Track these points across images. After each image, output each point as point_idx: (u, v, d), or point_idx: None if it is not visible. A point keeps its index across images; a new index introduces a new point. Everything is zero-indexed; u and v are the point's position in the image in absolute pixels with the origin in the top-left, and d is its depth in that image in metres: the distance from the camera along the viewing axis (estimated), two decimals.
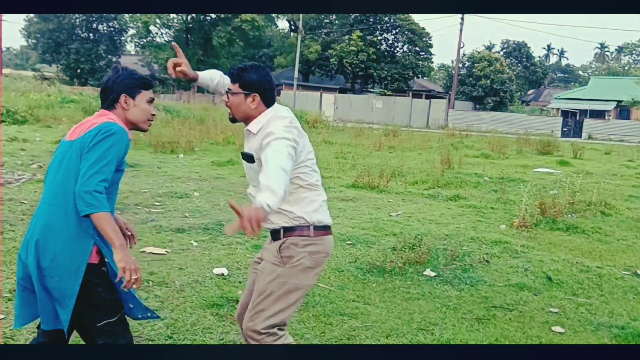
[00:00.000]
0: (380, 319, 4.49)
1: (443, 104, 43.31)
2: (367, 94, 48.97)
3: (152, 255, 5.71)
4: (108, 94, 2.71)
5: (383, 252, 6.23)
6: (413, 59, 48.42)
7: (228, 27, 47.53)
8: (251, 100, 2.78)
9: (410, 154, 18.07)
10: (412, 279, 5.54)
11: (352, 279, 5.43)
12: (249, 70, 2.80)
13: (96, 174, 2.42)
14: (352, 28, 48.09)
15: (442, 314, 4.70)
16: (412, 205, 9.30)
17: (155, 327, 3.96)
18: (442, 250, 6.41)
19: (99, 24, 53.82)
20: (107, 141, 2.49)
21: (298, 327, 4.21)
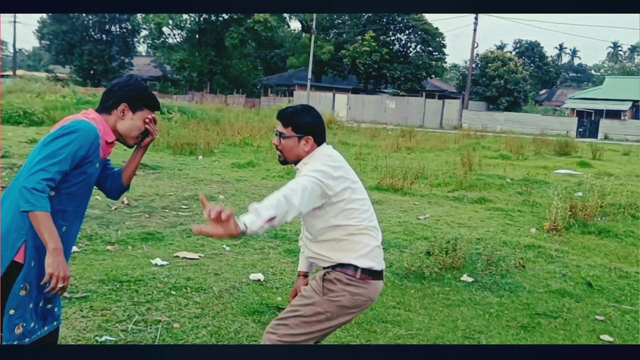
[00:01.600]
0: (423, 327, 4.41)
1: (456, 104, 43.10)
2: (380, 94, 48.82)
3: (185, 260, 5.66)
4: (109, 97, 2.63)
5: (417, 256, 6.14)
6: (426, 59, 48.20)
7: (240, 28, 47.55)
8: (304, 142, 2.75)
9: (428, 155, 17.95)
10: (450, 284, 5.46)
11: (389, 285, 5.34)
12: (301, 114, 2.77)
13: (41, 171, 2.32)
14: (365, 28, 47.97)
15: (486, 321, 4.61)
16: (439, 208, 9.21)
17: (199, 334, 3.91)
18: (477, 255, 6.32)
19: (112, 26, 54.02)
20: (62, 139, 2.39)
21: (342, 335, 4.13)
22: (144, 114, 2.66)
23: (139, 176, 10.43)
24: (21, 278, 2.41)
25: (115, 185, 2.83)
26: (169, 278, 5.03)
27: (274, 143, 2.81)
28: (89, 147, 2.46)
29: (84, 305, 4.32)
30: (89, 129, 2.47)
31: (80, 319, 4.08)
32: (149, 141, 2.77)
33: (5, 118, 19.47)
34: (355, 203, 2.72)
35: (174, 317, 4.20)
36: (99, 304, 4.38)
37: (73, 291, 4.57)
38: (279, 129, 2.78)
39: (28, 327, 2.49)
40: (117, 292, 4.64)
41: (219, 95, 46.81)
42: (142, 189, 9.08)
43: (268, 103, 44.85)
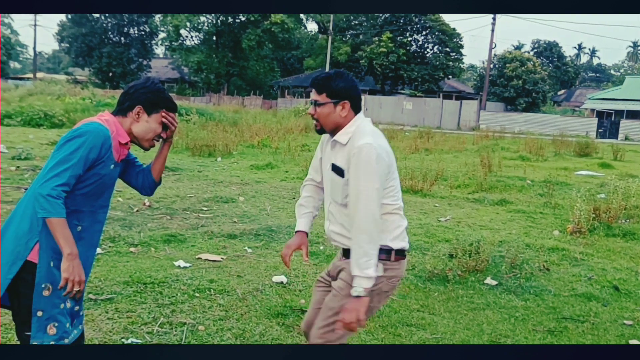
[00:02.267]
0: (448, 330, 4.37)
1: (474, 105, 42.78)
2: (397, 95, 48.65)
3: (208, 262, 5.67)
4: (126, 100, 2.63)
5: (440, 259, 6.09)
6: (443, 60, 47.92)
7: (257, 29, 47.67)
8: (341, 108, 2.68)
9: (447, 156, 17.83)
10: (474, 287, 5.41)
11: (413, 288, 5.31)
12: (335, 78, 2.69)
13: (55, 177, 2.35)
14: (382, 29, 47.86)
15: (511, 325, 4.56)
16: (460, 210, 9.14)
17: (224, 337, 3.90)
18: (500, 258, 6.26)
19: (130, 28, 54.46)
20: (73, 143, 2.41)
21: (367, 339, 4.11)
22: (160, 117, 2.66)
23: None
24: (41, 278, 2.44)
25: (147, 181, 2.87)
26: (192, 280, 5.05)
27: (309, 112, 2.76)
28: (100, 148, 2.47)
29: (109, 307, 4.34)
30: (99, 130, 2.48)
31: (106, 320, 4.10)
32: (171, 133, 2.77)
33: (27, 120, 19.72)
34: (394, 181, 2.71)
35: (198, 320, 4.21)
36: (124, 305, 4.40)
37: (98, 293, 4.60)
38: (313, 96, 2.71)
39: (63, 328, 2.50)
40: (142, 294, 4.66)
41: (236, 97, 46.97)
42: (162, 191, 9.12)
43: (285, 104, 44.91)
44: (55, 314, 2.47)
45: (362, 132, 2.66)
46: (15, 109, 20.92)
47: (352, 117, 2.72)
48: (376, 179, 2.56)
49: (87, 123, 2.52)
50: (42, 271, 2.44)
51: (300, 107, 33.77)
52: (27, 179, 9.45)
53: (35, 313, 2.44)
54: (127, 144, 2.66)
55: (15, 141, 14.23)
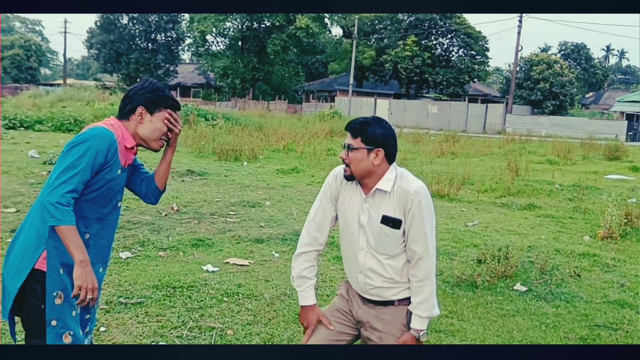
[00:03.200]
0: (478, 337, 4.32)
1: (500, 109, 42.36)
2: (422, 99, 48.41)
3: (236, 266, 5.70)
4: (127, 104, 2.59)
5: (468, 264, 6.05)
6: (469, 63, 47.56)
7: (282, 34, 47.91)
8: (374, 155, 2.55)
9: (473, 160, 17.69)
10: (503, 293, 5.35)
11: (440, 293, 5.26)
12: (372, 124, 2.58)
13: (63, 184, 2.31)
14: (407, 33, 47.69)
15: (542, 332, 4.49)
16: (487, 215, 9.06)
17: (252, 341, 3.92)
18: (529, 264, 6.19)
19: (158, 34, 55.16)
20: (79, 149, 2.37)
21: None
22: (163, 115, 2.62)
23: (187, 182, 10.61)
24: (52, 286, 2.40)
25: (150, 188, 2.78)
26: (220, 284, 5.08)
27: (341, 157, 2.63)
28: (106, 153, 2.44)
29: (139, 311, 4.39)
30: (104, 134, 2.44)
31: (136, 324, 4.15)
32: (175, 137, 2.70)
33: (57, 125, 20.07)
34: None
35: (227, 324, 4.23)
36: (153, 309, 4.45)
37: (128, 297, 4.66)
38: (347, 140, 2.61)
39: (78, 336, 2.48)
40: (171, 298, 4.70)
41: (261, 102, 47.20)
42: (190, 195, 9.21)
43: (310, 109, 45.01)
44: (69, 322, 2.44)
45: (406, 177, 2.61)
46: (46, 114, 21.31)
47: (385, 167, 2.60)
48: (434, 219, 2.62)
49: (92, 128, 2.50)
50: (52, 279, 2.40)
51: (325, 112, 33.79)
52: None
53: (50, 322, 2.40)
54: (134, 148, 2.61)
55: (46, 146, 14.49)
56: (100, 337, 3.89)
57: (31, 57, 59.29)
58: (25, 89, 45.32)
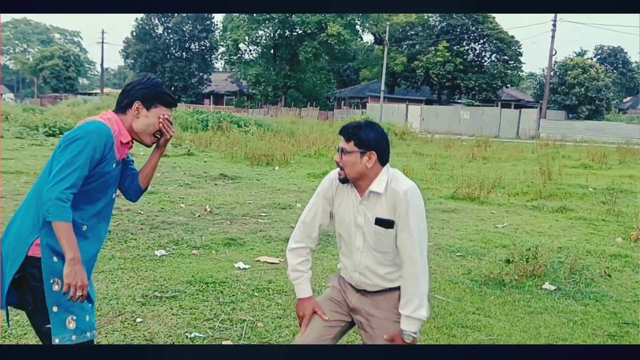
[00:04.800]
0: (504, 332, 4.37)
1: (534, 114, 41.82)
2: (454, 104, 48.12)
3: (266, 264, 5.84)
4: (124, 98, 2.63)
5: (496, 264, 6.08)
6: (501, 68, 47.14)
7: (314, 42, 48.25)
8: (367, 158, 2.64)
9: (505, 164, 17.55)
10: (531, 292, 5.36)
11: (468, 292, 5.32)
12: (365, 128, 2.68)
13: (62, 181, 2.34)
14: (439, 39, 47.54)
15: (570, 329, 4.51)
16: (517, 217, 9.03)
17: (282, 334, 4.05)
18: (559, 264, 6.18)
19: (192, 43, 56.12)
20: (77, 145, 2.40)
21: (422, 338, 4.16)
22: (159, 111, 2.64)
23: (220, 186, 10.82)
24: (48, 274, 2.43)
25: (133, 185, 2.79)
26: (251, 280, 5.22)
27: (335, 160, 2.71)
28: (104, 148, 2.47)
29: (173, 304, 4.56)
30: (101, 129, 2.47)
31: (170, 316, 4.32)
32: (165, 141, 2.74)
33: None
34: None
35: (257, 317, 4.37)
36: (187, 303, 4.61)
37: (163, 291, 4.84)
38: (341, 144, 2.69)
39: (82, 320, 2.50)
40: (204, 293, 4.86)
41: (293, 109, 47.56)
42: (222, 198, 9.41)
43: (341, 115, 45.17)
44: (69, 307, 2.45)
45: (398, 178, 2.69)
46: None
47: (378, 169, 2.69)
48: (424, 219, 2.66)
49: (89, 122, 2.52)
50: (47, 267, 2.43)
51: (357, 118, 33.90)
52: None
53: (51, 309, 2.43)
54: (129, 143, 2.65)
55: None
56: (137, 327, 4.07)
57: (70, 67, 60.84)
58: (64, 98, 46.60)
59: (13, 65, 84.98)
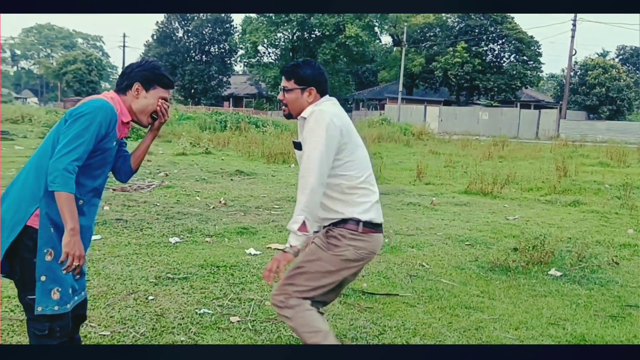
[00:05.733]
0: (507, 313, 4.45)
1: (553, 114, 41.46)
2: (472, 105, 47.90)
3: (277, 250, 5.97)
4: (124, 79, 2.74)
5: (504, 252, 6.15)
6: (521, 69, 46.82)
7: (332, 43, 48.40)
8: (308, 94, 2.85)
9: (522, 163, 17.50)
10: (536, 277, 5.43)
11: (474, 276, 5.40)
12: (302, 66, 2.87)
13: (69, 153, 2.43)
14: (457, 40, 47.38)
15: (573, 310, 4.58)
16: (529, 210, 9.06)
17: None
18: (567, 252, 6.23)
19: (211, 46, 56.62)
20: (84, 120, 2.49)
21: (424, 318, 4.28)
22: (157, 93, 2.75)
23: (236, 181, 11.00)
24: (43, 244, 2.52)
25: (124, 166, 2.90)
26: (261, 265, 5.36)
27: (279, 98, 2.92)
28: (108, 124, 2.57)
29: (185, 285, 4.72)
30: (106, 107, 2.58)
31: (182, 295, 4.48)
32: (159, 124, 2.87)
33: None
34: (355, 155, 2.80)
35: (265, 297, 4.50)
36: (198, 284, 4.77)
37: (176, 273, 5.00)
38: (283, 83, 2.89)
39: (66, 293, 2.58)
40: (215, 275, 5.02)
41: None
42: (237, 192, 9.58)
43: (359, 116, 45.24)
44: (58, 278, 2.54)
45: (320, 104, 2.84)
46: None
47: (318, 99, 2.89)
48: (323, 142, 2.67)
49: (95, 99, 2.63)
50: (43, 237, 2.51)
51: (375, 119, 33.93)
52: (115, 182, 10.16)
53: (39, 278, 2.51)
54: (129, 123, 2.77)
55: None
56: (148, 304, 4.24)
57: (92, 71, 61.69)
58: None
59: (37, 70, 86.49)
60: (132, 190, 9.25)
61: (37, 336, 2.55)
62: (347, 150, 2.76)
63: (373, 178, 2.91)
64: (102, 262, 5.23)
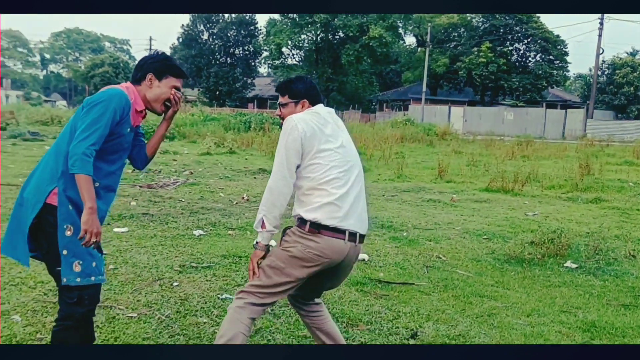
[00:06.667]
0: (520, 301, 4.56)
1: (580, 114, 40.94)
2: (497, 106, 47.55)
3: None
4: (138, 71, 2.93)
5: (521, 245, 6.22)
6: (547, 68, 46.32)
7: (356, 45, 48.49)
8: (301, 106, 3.00)
9: (546, 162, 17.40)
10: (552, 269, 5.51)
11: (489, 268, 5.51)
12: (295, 82, 3.05)
13: (87, 138, 2.60)
14: (482, 39, 47.10)
15: (586, 299, 4.67)
16: (550, 207, 9.09)
17: None
18: (585, 246, 6.28)
19: (236, 49, 57.13)
20: (101, 107, 2.67)
21: (438, 304, 4.41)
22: (169, 82, 2.92)
23: (259, 179, 11.21)
24: (62, 220, 2.69)
25: (140, 154, 3.07)
26: None
27: (277, 114, 3.08)
28: (122, 111, 2.74)
29: (208, 272, 4.92)
30: (121, 95, 2.76)
31: (205, 282, 4.68)
32: (172, 113, 3.03)
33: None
34: (321, 159, 2.82)
35: None
36: (220, 272, 4.96)
37: (199, 262, 5.20)
38: (279, 100, 3.05)
39: (89, 265, 2.75)
40: (237, 265, 5.21)
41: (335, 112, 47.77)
42: (260, 189, 9.78)
43: (383, 117, 45.26)
44: (78, 252, 2.70)
45: (301, 112, 2.96)
46: None
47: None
48: (284, 145, 2.80)
49: (110, 89, 2.81)
50: (62, 213, 2.69)
51: (398, 119, 33.95)
52: (142, 179, 10.47)
53: (62, 252, 2.69)
54: (142, 112, 2.93)
55: None
56: (173, 290, 4.45)
57: (119, 74, 62.64)
58: None
59: (66, 74, 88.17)
60: (158, 187, 9.52)
61: (68, 304, 2.74)
62: (312, 153, 2.82)
63: (342, 180, 2.85)
64: (129, 252, 5.46)
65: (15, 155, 13.65)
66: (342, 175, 2.85)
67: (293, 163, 2.82)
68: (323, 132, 2.85)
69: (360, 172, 2.97)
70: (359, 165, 2.99)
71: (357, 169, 2.95)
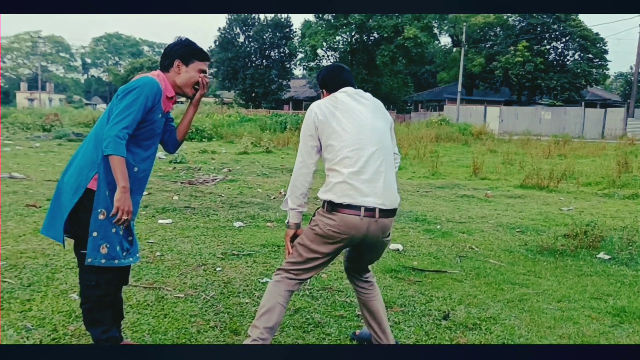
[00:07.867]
0: (551, 289, 4.67)
1: (620, 113, 40.12)
2: (534, 105, 46.93)
3: None
4: (165, 59, 3.06)
5: (554, 237, 6.31)
6: (585, 67, 45.53)
7: (391, 45, 48.46)
8: (324, 94, 3.24)
9: (583, 160, 17.25)
10: (584, 259, 5.59)
11: (522, 258, 5.62)
12: (319, 73, 3.29)
13: (120, 121, 2.76)
14: (518, 39, 46.57)
15: (617, 287, 4.75)
16: (585, 203, 9.09)
17: (342, 284, 4.56)
18: (618, 239, 6.33)
19: (271, 51, 57.69)
20: (134, 94, 2.82)
21: (470, 290, 4.56)
22: (196, 65, 3.06)
23: None
24: (98, 204, 2.84)
25: (171, 138, 3.24)
26: None
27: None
28: (154, 97, 2.89)
29: (248, 259, 5.16)
30: (152, 83, 2.91)
31: (246, 267, 4.92)
32: (199, 96, 3.17)
33: None
34: (332, 140, 2.95)
35: (324, 271, 4.88)
36: (260, 259, 5.20)
37: (240, 250, 5.45)
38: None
39: (114, 249, 2.91)
40: (275, 253, 5.44)
41: None
42: None
43: (418, 117, 45.15)
44: (108, 236, 2.87)
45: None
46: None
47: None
48: (302, 130, 3.02)
49: (142, 77, 2.96)
50: (99, 198, 2.84)
51: (433, 119, 33.88)
52: (182, 176, 10.83)
53: (92, 233, 2.85)
54: (173, 98, 3.08)
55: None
56: (216, 274, 4.71)
57: None
58: None
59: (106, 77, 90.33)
60: (199, 183, 9.86)
61: (86, 286, 2.97)
62: (325, 135, 2.96)
63: (353, 158, 2.92)
64: (173, 241, 5.75)
65: (61, 155, 14.23)
66: (352, 153, 2.91)
67: (309, 145, 3.00)
68: (334, 114, 2.99)
69: (380, 149, 2.97)
70: (377, 142, 2.98)
71: (373, 147, 2.95)
